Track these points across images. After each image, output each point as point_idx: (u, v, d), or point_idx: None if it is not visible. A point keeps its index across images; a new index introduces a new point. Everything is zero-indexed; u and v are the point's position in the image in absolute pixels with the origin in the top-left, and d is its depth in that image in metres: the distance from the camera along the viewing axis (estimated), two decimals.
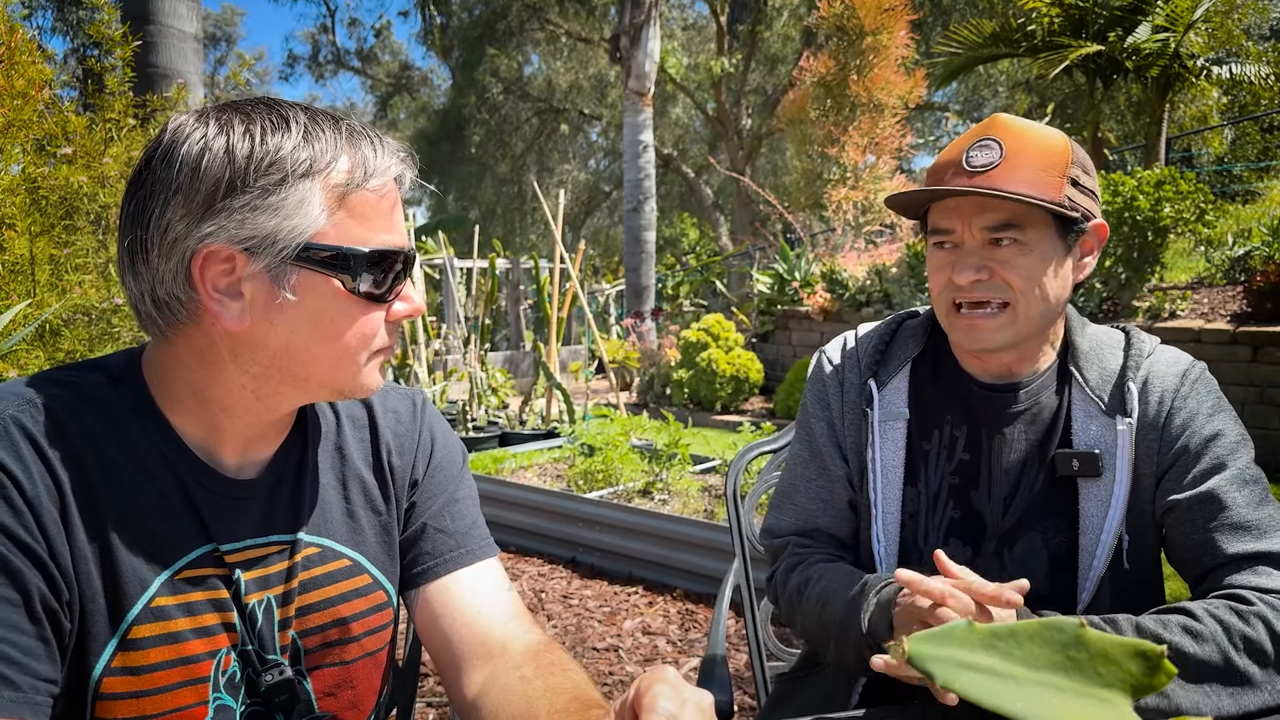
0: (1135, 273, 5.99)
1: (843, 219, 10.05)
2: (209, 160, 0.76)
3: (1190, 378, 1.15)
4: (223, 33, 32.96)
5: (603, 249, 27.05)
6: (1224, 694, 0.96)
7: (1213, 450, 1.11)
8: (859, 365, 1.28)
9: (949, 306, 1.16)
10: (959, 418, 1.22)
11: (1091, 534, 1.13)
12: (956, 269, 1.12)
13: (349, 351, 0.83)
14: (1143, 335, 1.21)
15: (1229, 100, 11.87)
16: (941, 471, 1.21)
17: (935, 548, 1.20)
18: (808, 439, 1.31)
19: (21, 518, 0.74)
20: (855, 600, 1.10)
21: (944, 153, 1.17)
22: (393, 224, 0.84)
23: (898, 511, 1.22)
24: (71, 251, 3.20)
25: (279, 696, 0.87)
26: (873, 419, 1.24)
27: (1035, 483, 1.17)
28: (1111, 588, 1.14)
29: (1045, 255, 1.11)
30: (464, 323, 7.27)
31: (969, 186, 1.09)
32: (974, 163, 1.10)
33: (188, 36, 5.53)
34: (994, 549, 1.18)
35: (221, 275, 0.78)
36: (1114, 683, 0.58)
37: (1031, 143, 1.11)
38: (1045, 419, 1.18)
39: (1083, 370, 1.18)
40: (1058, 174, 1.10)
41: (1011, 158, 1.09)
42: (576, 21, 21.61)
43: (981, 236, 1.12)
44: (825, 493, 1.28)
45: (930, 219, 1.18)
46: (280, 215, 0.77)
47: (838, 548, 1.29)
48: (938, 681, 0.61)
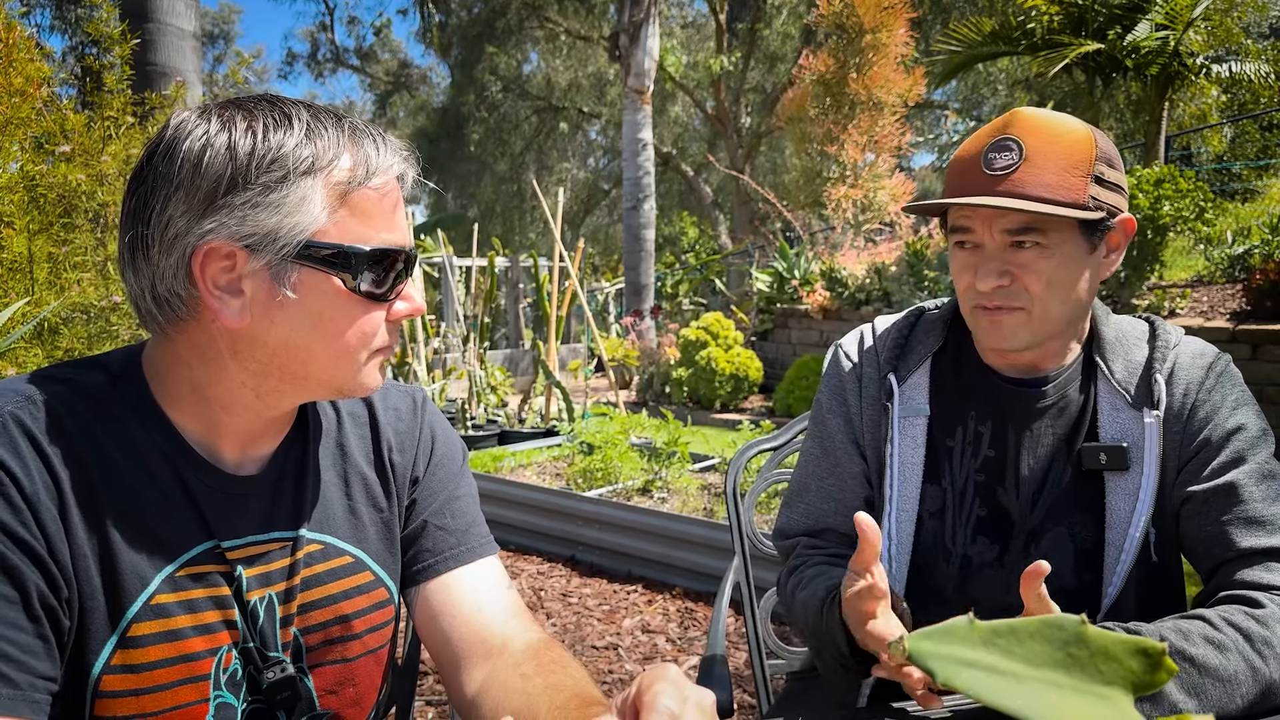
0: (1135, 271, 6.00)
1: (842, 217, 10.04)
2: (211, 156, 0.76)
3: (1216, 370, 1.14)
4: (221, 30, 32.93)
5: (602, 247, 27.04)
6: (1252, 699, 0.96)
7: (1233, 443, 1.10)
8: (878, 360, 1.26)
9: (972, 306, 1.15)
10: (983, 413, 1.20)
11: (1119, 528, 1.12)
12: (980, 275, 1.10)
13: (349, 350, 0.83)
14: (1167, 326, 1.19)
15: (1228, 98, 11.86)
16: (967, 469, 1.19)
17: (964, 545, 1.19)
18: (821, 436, 1.29)
19: (20, 515, 0.74)
20: (822, 607, 1.10)
21: (965, 147, 1.14)
22: (394, 223, 0.83)
23: (914, 509, 1.20)
24: (70, 249, 3.20)
25: (280, 694, 0.87)
26: (893, 414, 1.22)
27: (1062, 478, 1.16)
28: (1137, 582, 1.13)
29: (1068, 256, 1.10)
30: (463, 321, 7.26)
31: (988, 191, 1.06)
32: (994, 165, 1.08)
33: (186, 34, 5.52)
34: (1022, 545, 1.17)
35: (222, 272, 0.78)
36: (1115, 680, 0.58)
37: (1054, 141, 1.07)
38: (1072, 413, 1.17)
39: (1109, 363, 1.16)
40: (1081, 173, 1.07)
41: (1032, 158, 1.06)
42: (576, 19, 21.59)
43: (1002, 239, 1.10)
44: (837, 491, 1.26)
45: (950, 218, 1.16)
46: (281, 213, 0.76)
47: (849, 546, 1.27)
48: (938, 679, 0.61)
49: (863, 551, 0.95)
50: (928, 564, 1.21)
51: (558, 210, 6.59)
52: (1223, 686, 0.95)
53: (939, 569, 1.20)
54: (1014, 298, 1.10)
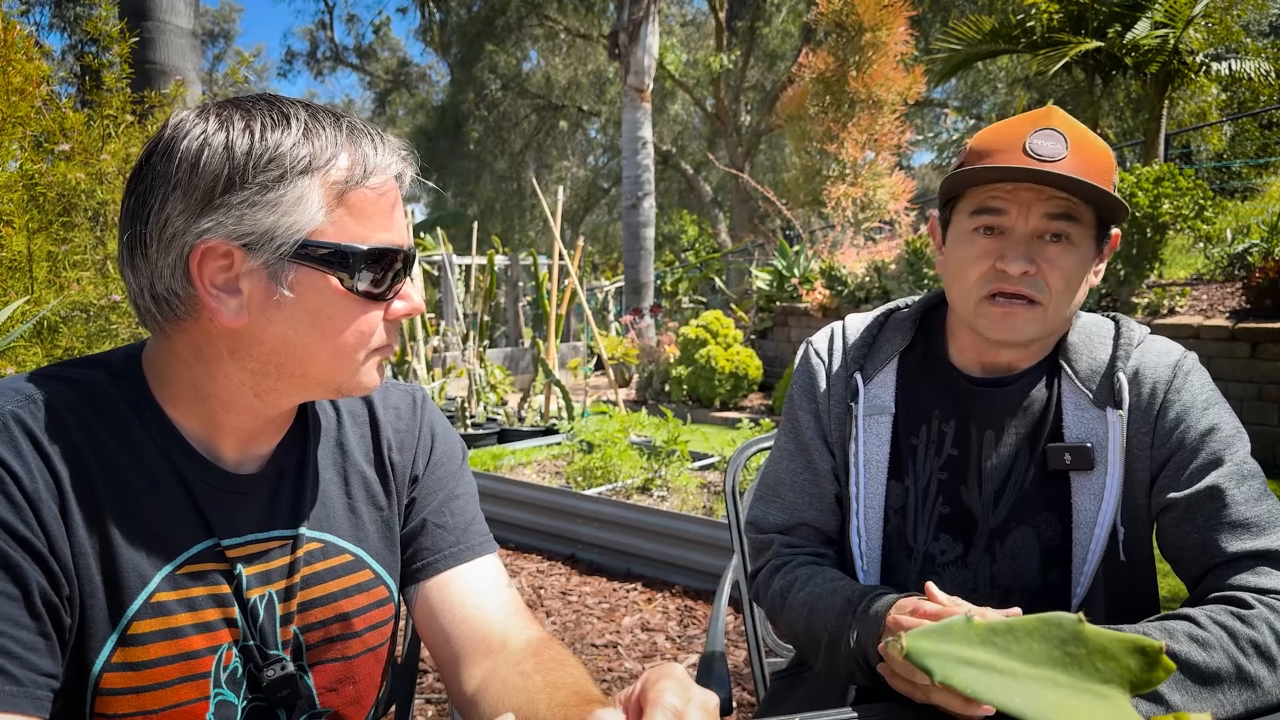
0: (1134, 269, 6.00)
1: (842, 216, 10.04)
2: (208, 156, 0.76)
3: (1183, 369, 1.14)
4: (220, 29, 32.88)
5: (601, 246, 27.03)
6: (1237, 700, 0.95)
7: (1209, 445, 1.10)
8: (845, 358, 1.27)
9: (983, 296, 1.13)
10: (947, 412, 1.20)
11: (1084, 528, 1.12)
12: (1009, 258, 1.09)
13: (346, 349, 0.83)
14: (1132, 324, 1.19)
15: (1228, 96, 11.86)
16: (930, 467, 1.20)
17: (926, 543, 1.20)
18: (794, 432, 1.30)
19: (20, 512, 0.74)
20: (843, 613, 1.09)
21: (991, 137, 1.13)
22: (392, 222, 0.83)
23: (880, 507, 1.21)
24: (69, 248, 3.20)
25: (280, 692, 0.87)
26: (856, 413, 1.22)
27: (1026, 477, 1.16)
28: (1106, 581, 1.13)
29: (1084, 256, 1.11)
30: (463, 319, 7.26)
31: (1047, 171, 1.05)
32: (1039, 151, 1.07)
33: (185, 33, 5.52)
34: (985, 544, 1.18)
35: (219, 271, 0.78)
36: (1112, 678, 0.59)
37: (1090, 141, 1.09)
38: (1035, 412, 1.17)
39: (1072, 362, 1.16)
40: (1108, 176, 1.09)
41: (1077, 150, 1.07)
42: (575, 18, 21.58)
43: (1038, 225, 1.09)
44: (812, 486, 1.27)
45: (973, 200, 1.13)
46: (278, 212, 0.76)
47: (823, 544, 1.28)
48: (936, 677, 0.62)
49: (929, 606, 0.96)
50: (891, 561, 1.22)
51: (557, 208, 6.59)
52: (1205, 684, 0.94)
53: (901, 565, 1.21)
54: (1036, 289, 1.10)
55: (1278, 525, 1.06)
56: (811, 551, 1.26)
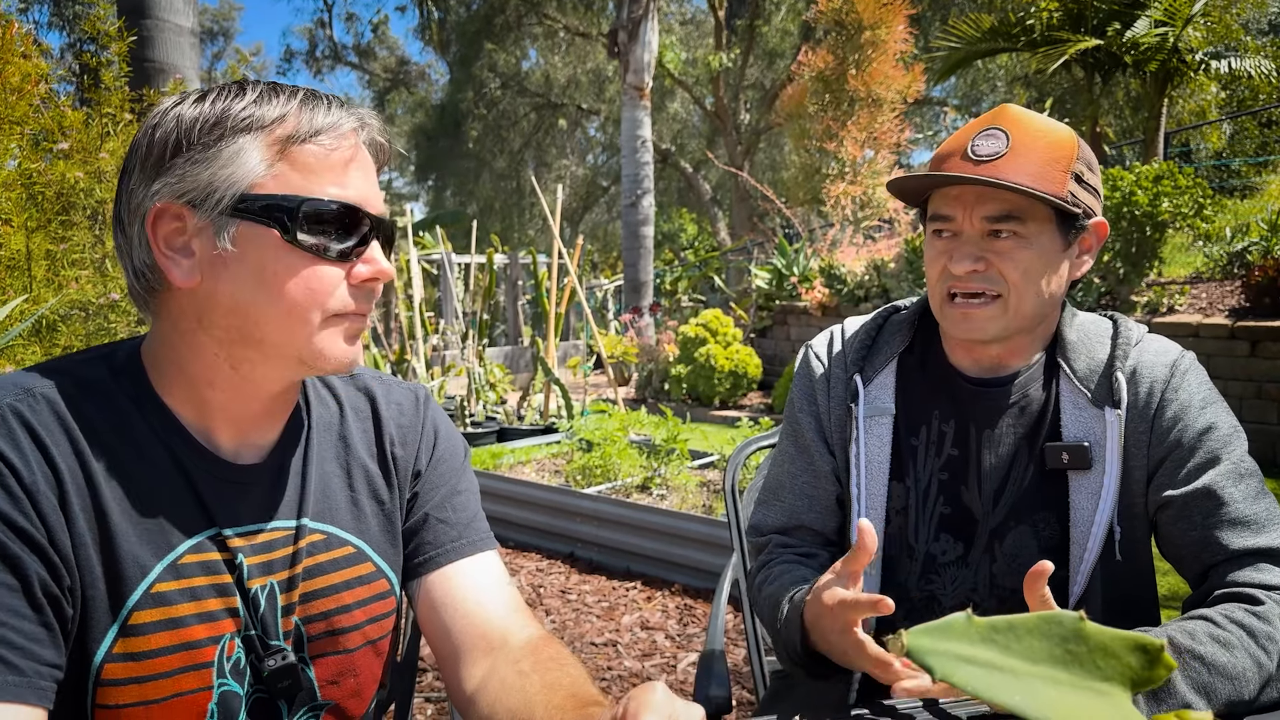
0: (1133, 268, 6.00)
1: (841, 214, 10.05)
2: (164, 127, 0.80)
3: (1180, 368, 1.14)
4: (220, 27, 32.87)
5: (601, 244, 27.02)
6: (1257, 694, 0.97)
7: (1207, 444, 1.10)
8: (845, 360, 1.28)
9: (944, 296, 1.16)
10: (947, 412, 1.21)
11: (1082, 526, 1.13)
12: (954, 258, 1.12)
13: (297, 308, 0.81)
14: (1130, 324, 1.20)
15: (1228, 95, 11.87)
16: (930, 467, 1.21)
17: (927, 543, 1.21)
18: (794, 434, 1.31)
19: (19, 504, 0.74)
20: (782, 603, 1.12)
21: (950, 140, 1.16)
22: (345, 179, 0.83)
23: (882, 508, 1.21)
24: (68, 247, 3.19)
25: (281, 682, 0.88)
26: (857, 414, 1.23)
27: (1025, 476, 1.17)
28: (1103, 580, 1.14)
29: (1043, 250, 1.11)
30: (462, 318, 7.26)
31: (973, 175, 1.08)
32: (979, 152, 1.09)
33: (184, 31, 5.51)
34: (985, 544, 1.18)
35: (175, 234, 0.81)
36: (1113, 676, 0.58)
37: (1038, 135, 1.10)
38: (1034, 412, 1.18)
39: (1070, 362, 1.17)
40: (1062, 168, 1.09)
41: (1017, 148, 1.08)
42: (574, 16, 21.56)
43: (981, 226, 1.11)
44: (811, 488, 1.28)
45: (931, 206, 1.17)
46: (215, 165, 0.79)
47: (822, 545, 1.29)
48: (936, 675, 0.61)
49: (856, 558, 0.96)
50: (893, 561, 1.22)
51: (556, 207, 6.59)
52: (1232, 684, 0.95)
53: (903, 566, 1.22)
54: (990, 283, 1.12)
55: (1276, 523, 1.07)
56: (802, 551, 1.27)
